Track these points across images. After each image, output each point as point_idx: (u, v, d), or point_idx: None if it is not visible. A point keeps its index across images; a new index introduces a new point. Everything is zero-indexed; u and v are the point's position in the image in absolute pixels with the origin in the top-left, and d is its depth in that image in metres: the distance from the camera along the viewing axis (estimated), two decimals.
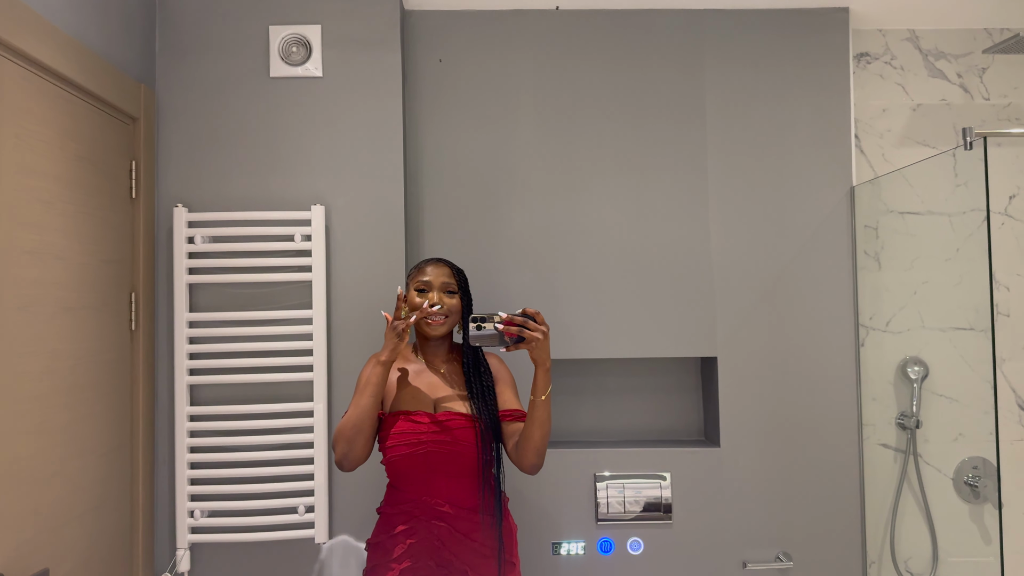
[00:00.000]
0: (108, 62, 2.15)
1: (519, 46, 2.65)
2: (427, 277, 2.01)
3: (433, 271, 2.03)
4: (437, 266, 2.04)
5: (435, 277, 2.02)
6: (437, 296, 1.99)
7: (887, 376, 2.73)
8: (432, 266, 2.04)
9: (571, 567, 2.55)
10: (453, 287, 2.03)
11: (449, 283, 2.02)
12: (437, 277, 2.02)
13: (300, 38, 2.48)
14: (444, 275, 2.03)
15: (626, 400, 2.79)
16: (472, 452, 1.93)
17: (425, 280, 2.01)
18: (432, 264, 2.05)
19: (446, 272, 2.04)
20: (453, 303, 2.02)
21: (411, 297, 2.01)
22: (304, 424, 2.39)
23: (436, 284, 2.01)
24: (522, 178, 2.62)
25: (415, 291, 2.01)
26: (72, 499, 1.97)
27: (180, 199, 2.45)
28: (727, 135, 2.63)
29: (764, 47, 2.65)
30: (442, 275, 2.03)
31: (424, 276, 2.02)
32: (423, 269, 2.04)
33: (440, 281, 2.01)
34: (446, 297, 2.01)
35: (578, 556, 2.54)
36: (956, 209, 2.60)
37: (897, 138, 2.84)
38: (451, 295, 2.02)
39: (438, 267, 2.04)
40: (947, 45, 2.84)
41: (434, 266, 2.04)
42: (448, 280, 2.03)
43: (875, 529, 2.65)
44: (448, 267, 2.06)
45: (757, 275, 2.62)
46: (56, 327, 1.90)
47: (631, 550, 2.55)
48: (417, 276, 2.03)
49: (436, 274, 2.02)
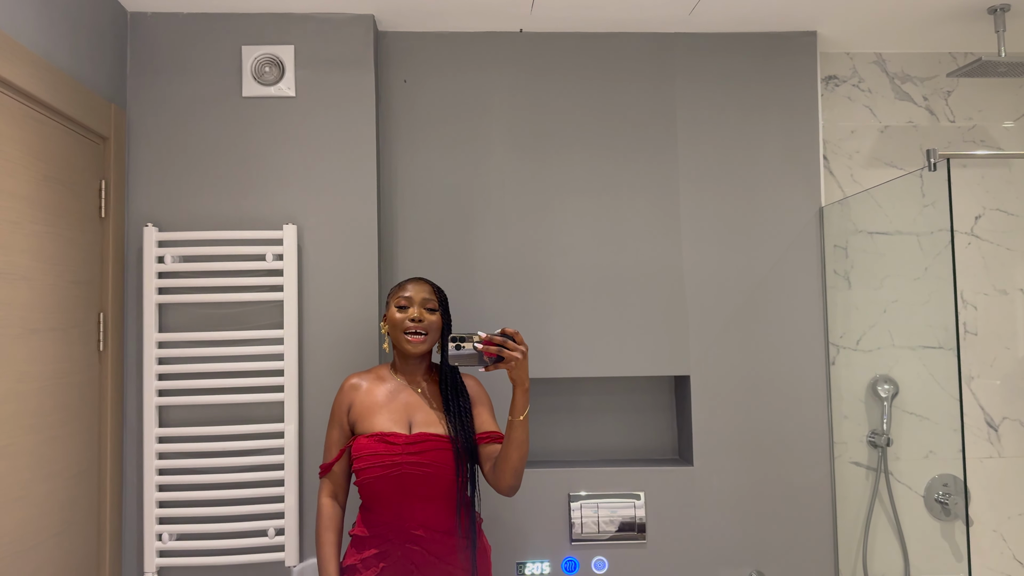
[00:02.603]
0: (78, 81, 2.14)
1: (491, 68, 2.67)
2: (408, 293, 2.02)
3: (414, 288, 2.03)
4: (418, 284, 2.05)
5: (416, 293, 2.02)
6: (417, 311, 2.00)
7: (858, 394, 2.75)
8: (413, 283, 2.05)
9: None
10: (434, 304, 2.03)
11: (430, 299, 2.03)
12: (418, 293, 2.02)
13: (273, 58, 2.49)
14: (425, 292, 2.03)
15: (600, 419, 2.80)
16: (447, 475, 1.92)
17: (406, 296, 2.01)
18: (413, 282, 2.06)
19: (427, 289, 2.04)
20: (434, 320, 2.02)
21: (391, 314, 2.01)
22: (275, 445, 2.36)
23: (416, 300, 2.01)
24: (495, 198, 2.63)
25: (395, 307, 2.01)
26: (37, 523, 1.93)
27: (150, 218, 2.43)
28: (698, 156, 2.66)
29: (734, 70, 2.69)
30: (423, 291, 2.03)
31: (405, 292, 2.02)
32: (404, 286, 2.04)
33: (421, 297, 2.02)
34: (427, 313, 2.01)
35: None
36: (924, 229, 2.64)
37: (865, 159, 2.88)
38: (432, 312, 2.03)
39: (419, 284, 2.05)
40: (913, 68, 2.90)
41: (415, 283, 2.05)
42: (429, 297, 2.03)
43: (847, 546, 2.66)
44: (429, 285, 2.06)
45: (729, 294, 2.64)
46: (22, 348, 1.88)
47: (595, 569, 2.54)
48: (398, 293, 2.03)
49: (417, 290, 2.03)
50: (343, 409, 2.04)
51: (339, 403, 2.05)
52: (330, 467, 2.03)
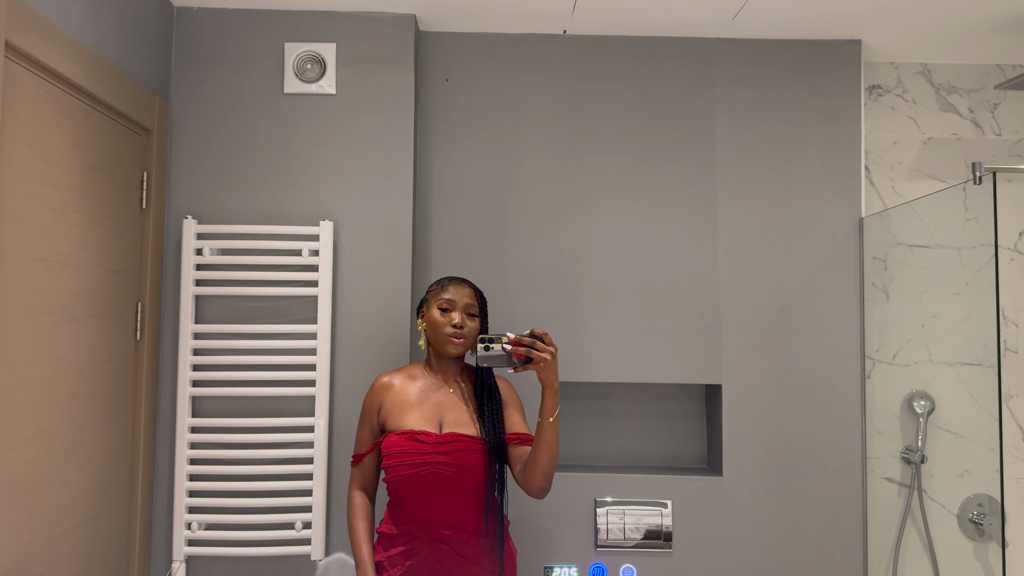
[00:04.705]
0: (124, 74, 2.18)
1: (531, 70, 2.66)
2: (452, 296, 2.01)
3: (457, 291, 2.03)
4: (462, 286, 2.05)
5: (460, 297, 2.02)
6: (460, 317, 2.00)
7: (893, 409, 2.71)
8: (456, 286, 2.04)
9: None
10: (475, 310, 2.03)
11: (472, 305, 2.03)
12: (462, 298, 2.02)
13: (315, 55, 2.50)
14: (468, 296, 2.03)
15: (629, 425, 2.78)
16: (476, 475, 1.91)
17: (449, 299, 2.01)
18: (456, 284, 2.05)
19: (469, 294, 2.04)
20: (474, 326, 2.02)
21: (433, 314, 2.01)
22: (305, 439, 2.38)
23: (460, 304, 2.01)
24: (531, 200, 2.63)
25: (439, 309, 2.01)
26: (69, 508, 1.96)
27: (190, 211, 2.46)
28: (737, 163, 2.64)
29: (776, 77, 2.66)
30: (466, 296, 2.03)
31: (449, 295, 2.02)
32: (447, 287, 2.04)
33: (464, 302, 2.02)
34: (468, 320, 2.01)
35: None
36: (965, 243, 2.59)
37: (907, 171, 2.83)
38: (472, 318, 2.03)
39: (463, 288, 2.04)
40: (959, 80, 2.85)
41: (458, 286, 2.04)
42: (471, 302, 2.03)
43: (877, 564, 2.61)
44: (472, 288, 2.06)
45: (764, 303, 2.61)
46: (61, 335, 1.91)
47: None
48: (440, 294, 2.03)
49: (461, 294, 2.02)
50: (373, 409, 2.04)
51: (369, 403, 2.05)
52: (362, 457, 2.04)
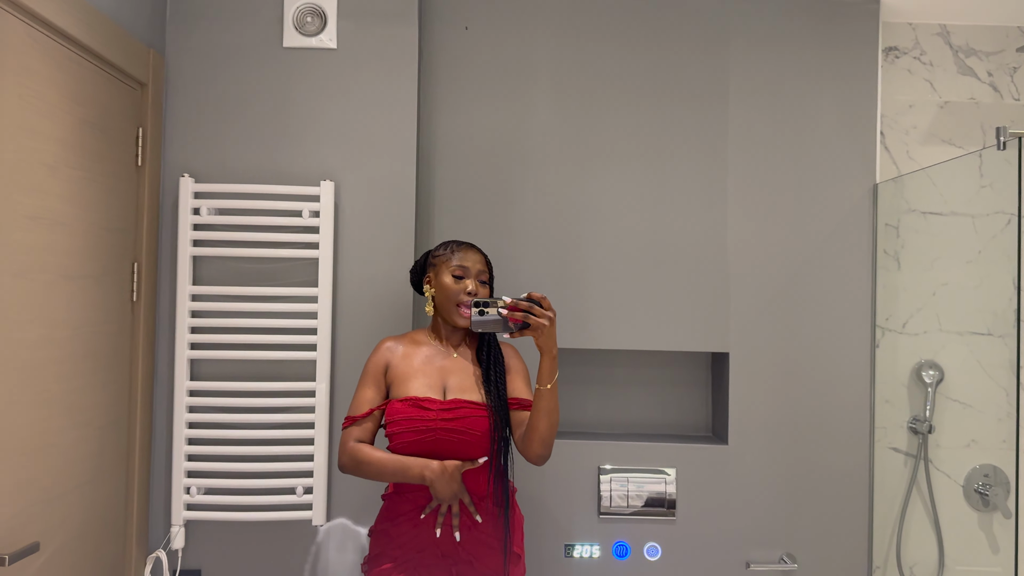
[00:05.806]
0: (118, 25, 2.09)
1: (539, 22, 2.57)
2: (465, 263, 1.98)
3: (470, 256, 2.00)
4: (472, 252, 2.02)
5: (472, 264, 1.99)
6: (473, 284, 1.97)
7: (901, 379, 2.68)
8: (467, 251, 2.01)
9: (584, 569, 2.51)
10: (486, 277, 2.02)
11: (484, 271, 2.01)
12: (474, 264, 1.99)
13: (315, 8, 2.41)
14: (480, 263, 2.01)
15: (634, 392, 2.74)
16: (481, 442, 1.88)
17: (463, 267, 1.97)
18: (467, 249, 2.02)
19: (481, 260, 2.02)
20: (484, 292, 2.01)
21: (446, 281, 1.97)
22: (306, 404, 2.34)
23: (473, 272, 1.98)
24: (537, 160, 2.56)
25: (452, 276, 1.97)
26: (66, 472, 1.92)
27: (187, 169, 2.39)
28: (749, 124, 2.56)
29: (791, 35, 2.57)
30: (478, 263, 2.01)
31: (462, 261, 1.98)
32: (457, 253, 2.00)
33: (477, 269, 1.99)
34: (480, 287, 1.99)
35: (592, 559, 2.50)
36: (980, 211, 2.54)
37: (922, 135, 2.77)
38: (484, 285, 2.01)
39: (474, 253, 2.02)
40: (979, 42, 2.77)
41: (469, 252, 2.01)
42: (483, 269, 2.01)
43: (882, 533, 2.60)
44: (482, 255, 2.04)
45: (773, 270, 2.55)
46: (55, 295, 1.85)
47: (648, 555, 2.50)
48: (452, 260, 1.99)
49: (473, 261, 2.00)
50: (380, 368, 1.99)
51: (375, 362, 2.00)
52: (357, 420, 1.94)
